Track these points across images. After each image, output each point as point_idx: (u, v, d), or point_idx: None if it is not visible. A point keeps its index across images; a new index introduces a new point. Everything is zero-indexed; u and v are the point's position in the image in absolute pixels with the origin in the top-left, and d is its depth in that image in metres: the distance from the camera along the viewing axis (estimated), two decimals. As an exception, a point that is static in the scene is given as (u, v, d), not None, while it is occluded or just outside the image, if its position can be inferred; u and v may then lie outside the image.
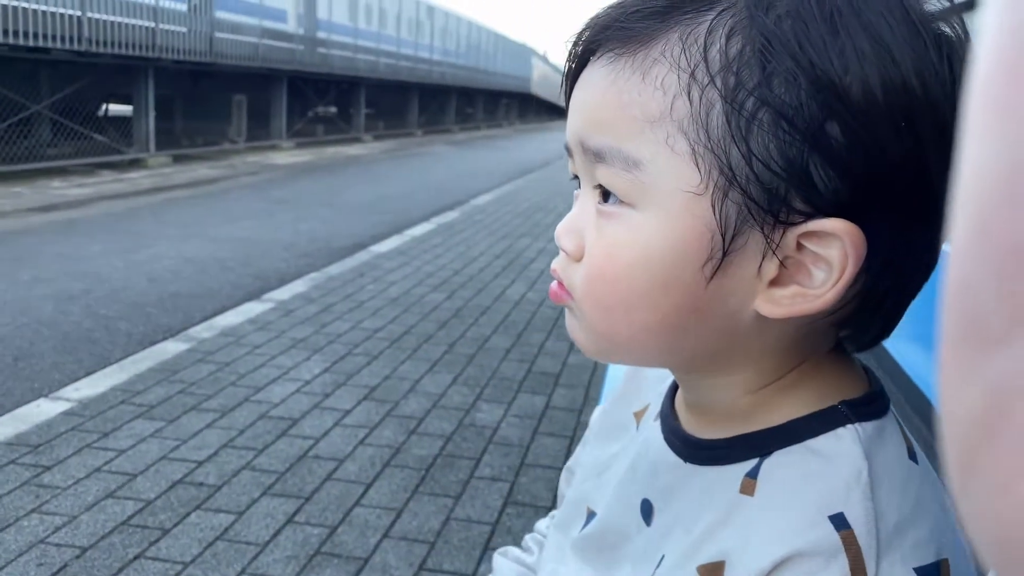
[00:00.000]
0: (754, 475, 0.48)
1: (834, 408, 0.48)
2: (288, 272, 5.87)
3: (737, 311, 0.47)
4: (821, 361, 0.50)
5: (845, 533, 0.43)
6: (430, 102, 26.93)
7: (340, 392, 3.53)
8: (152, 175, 11.40)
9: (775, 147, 0.43)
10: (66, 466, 2.76)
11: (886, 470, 0.46)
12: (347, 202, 9.65)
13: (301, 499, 2.62)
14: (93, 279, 5.41)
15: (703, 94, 0.44)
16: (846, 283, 0.44)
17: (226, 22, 14.14)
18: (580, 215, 0.50)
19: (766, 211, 0.44)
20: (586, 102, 0.49)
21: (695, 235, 0.45)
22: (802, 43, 0.42)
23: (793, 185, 0.43)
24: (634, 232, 0.46)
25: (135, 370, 3.68)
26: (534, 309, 5.03)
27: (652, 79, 0.45)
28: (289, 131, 17.50)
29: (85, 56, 11.02)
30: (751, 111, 0.43)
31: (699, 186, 0.44)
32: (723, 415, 0.52)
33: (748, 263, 0.45)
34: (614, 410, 0.69)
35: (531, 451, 3.03)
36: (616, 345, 0.51)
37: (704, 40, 0.44)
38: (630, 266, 0.47)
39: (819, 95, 0.42)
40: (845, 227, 0.43)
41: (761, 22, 0.43)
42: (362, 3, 20.36)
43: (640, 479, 0.57)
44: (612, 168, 0.46)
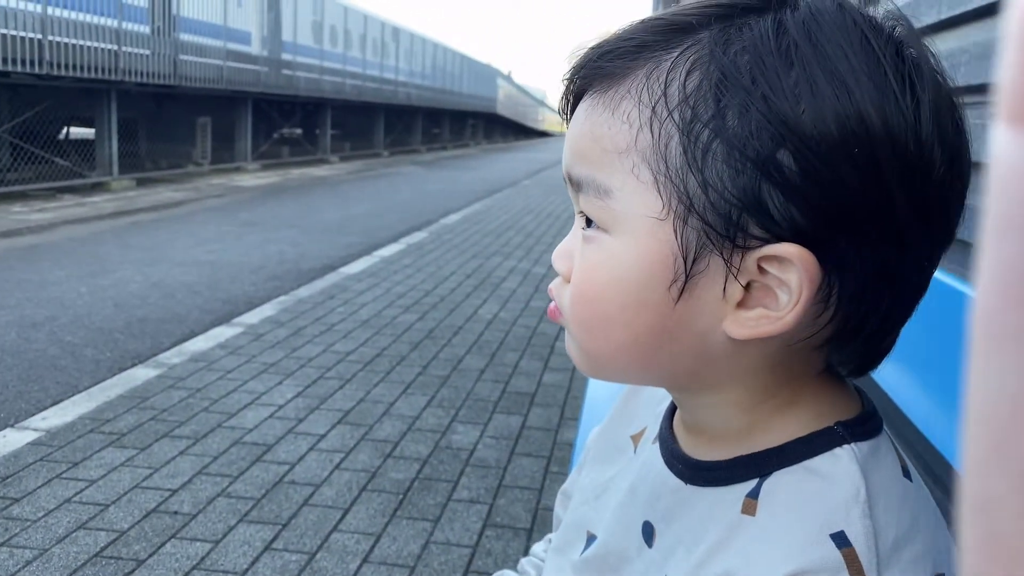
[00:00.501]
0: (755, 495, 0.49)
1: (830, 429, 0.50)
2: (257, 295, 5.82)
3: (707, 332, 0.49)
4: (814, 383, 0.52)
5: (847, 551, 0.44)
6: (396, 123, 26.93)
7: (314, 416, 3.50)
8: (115, 199, 11.25)
9: (728, 176, 0.45)
10: (35, 498, 2.71)
11: (883, 488, 0.48)
12: (315, 224, 9.60)
13: (278, 525, 2.59)
14: (57, 305, 5.32)
15: (662, 127, 0.47)
16: (804, 306, 0.46)
17: (190, 44, 14.04)
18: (572, 239, 0.55)
19: (723, 236, 0.46)
20: (571, 136, 0.53)
21: (660, 258, 0.48)
22: (756, 77, 0.45)
23: (748, 212, 0.45)
24: (607, 255, 0.50)
25: (104, 398, 3.62)
26: (507, 328, 5.03)
27: (620, 114, 0.49)
28: (254, 153, 17.38)
29: (46, 79, 10.87)
30: (705, 143, 0.46)
31: (662, 212, 0.47)
32: (721, 436, 0.54)
33: (712, 286, 0.48)
34: (610, 433, 0.70)
35: (508, 472, 3.03)
36: (600, 362, 0.54)
37: (666, 76, 0.47)
38: (604, 287, 0.50)
39: (770, 126, 0.44)
40: (797, 252, 0.45)
41: (719, 58, 0.46)
42: (327, 25, 20.36)
43: (641, 502, 0.58)
44: (588, 196, 0.51)
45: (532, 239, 8.82)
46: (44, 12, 10.45)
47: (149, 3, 12.87)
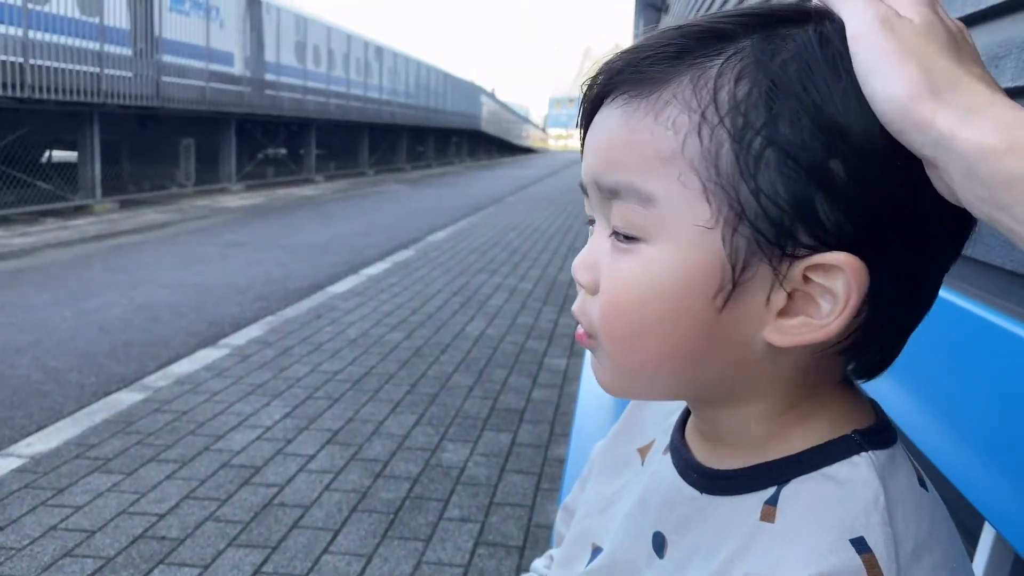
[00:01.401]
0: (774, 502, 0.49)
1: (848, 437, 0.50)
2: (243, 316, 5.79)
3: (748, 340, 0.49)
4: (832, 391, 0.53)
5: (867, 556, 0.44)
6: (381, 141, 26.95)
7: (302, 437, 3.48)
8: (99, 222, 11.18)
9: (781, 184, 0.45)
10: (20, 525, 2.67)
11: (901, 496, 0.48)
12: (301, 243, 9.58)
13: (268, 548, 2.56)
14: (41, 330, 5.27)
15: (713, 133, 0.46)
16: (850, 314, 0.46)
17: (172, 66, 14.03)
18: (594, 250, 0.53)
19: (773, 244, 0.46)
20: (601, 143, 0.51)
21: (706, 267, 0.47)
22: (806, 85, 0.45)
23: (799, 220, 0.46)
24: (645, 264, 0.49)
25: (89, 422, 3.58)
26: (495, 345, 5.03)
27: (664, 119, 0.48)
28: (239, 174, 17.35)
29: (27, 103, 10.83)
30: (758, 150, 0.46)
31: (709, 220, 0.47)
32: (739, 445, 0.53)
33: (757, 294, 0.48)
34: (616, 447, 0.69)
35: (499, 490, 3.01)
36: (635, 376, 0.53)
37: (714, 83, 0.47)
38: (643, 297, 0.49)
39: (822, 135, 0.45)
40: (848, 260, 0.45)
41: (767, 66, 0.46)
42: (310, 45, 20.39)
43: (651, 513, 0.58)
44: (627, 204, 0.49)
45: (518, 255, 8.82)
46: (25, 36, 10.43)
47: (131, 25, 12.86)
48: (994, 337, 1.06)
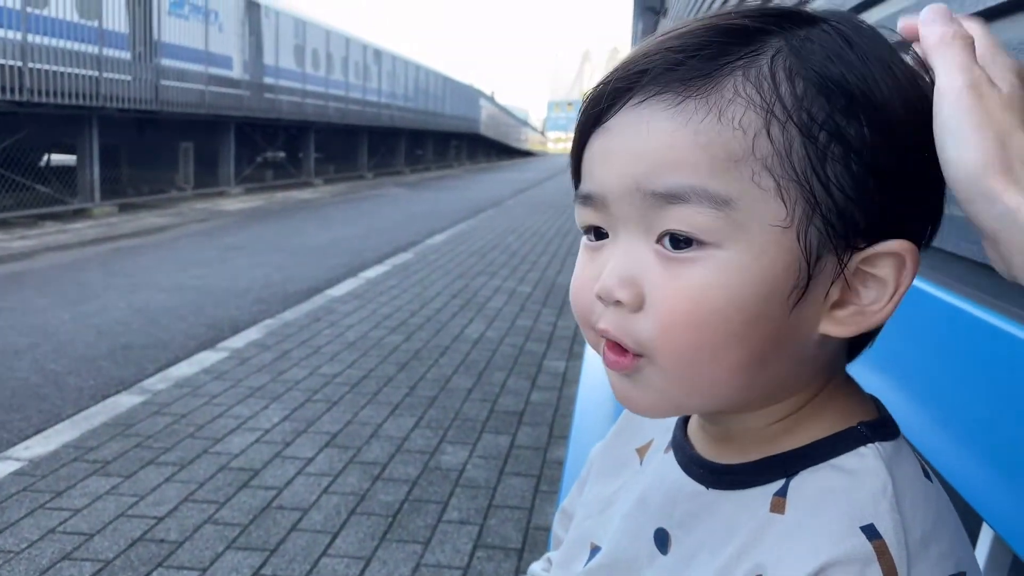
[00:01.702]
0: (783, 494, 0.50)
1: (854, 429, 0.51)
2: (242, 319, 5.79)
3: (807, 336, 0.50)
4: (837, 385, 0.54)
5: (877, 543, 0.45)
6: (380, 145, 26.96)
7: (301, 440, 3.48)
8: (98, 225, 11.18)
9: (847, 176, 0.47)
10: (18, 528, 2.66)
11: (907, 486, 0.48)
12: (300, 246, 9.58)
13: (267, 551, 2.56)
14: (40, 333, 5.26)
15: (784, 130, 0.47)
16: (901, 296, 0.48)
17: (171, 69, 14.04)
18: (629, 263, 0.49)
19: (841, 236, 0.47)
20: (647, 147, 0.48)
21: (783, 266, 0.47)
22: (851, 82, 0.47)
23: (862, 210, 0.47)
24: (722, 272, 0.47)
25: (88, 425, 3.58)
26: (494, 348, 5.02)
27: (729, 119, 0.47)
28: (238, 177, 17.35)
29: (26, 106, 10.83)
30: (824, 144, 0.47)
31: (786, 219, 0.47)
32: (750, 441, 0.54)
33: (821, 288, 0.48)
34: (614, 448, 0.69)
35: (499, 492, 3.01)
36: (697, 391, 0.50)
37: (772, 80, 0.47)
38: (722, 307, 0.47)
39: (875, 128, 0.47)
40: (907, 247, 0.48)
41: (813, 63, 0.47)
42: (309, 48, 20.40)
43: (653, 510, 0.58)
44: (695, 207, 0.47)
45: (517, 258, 8.83)
46: (24, 39, 10.43)
47: (130, 29, 12.87)
48: (992, 338, 1.06)
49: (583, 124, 0.53)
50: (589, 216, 0.52)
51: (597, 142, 0.51)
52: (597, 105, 0.51)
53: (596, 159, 0.51)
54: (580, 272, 0.53)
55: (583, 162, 0.53)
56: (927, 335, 1.31)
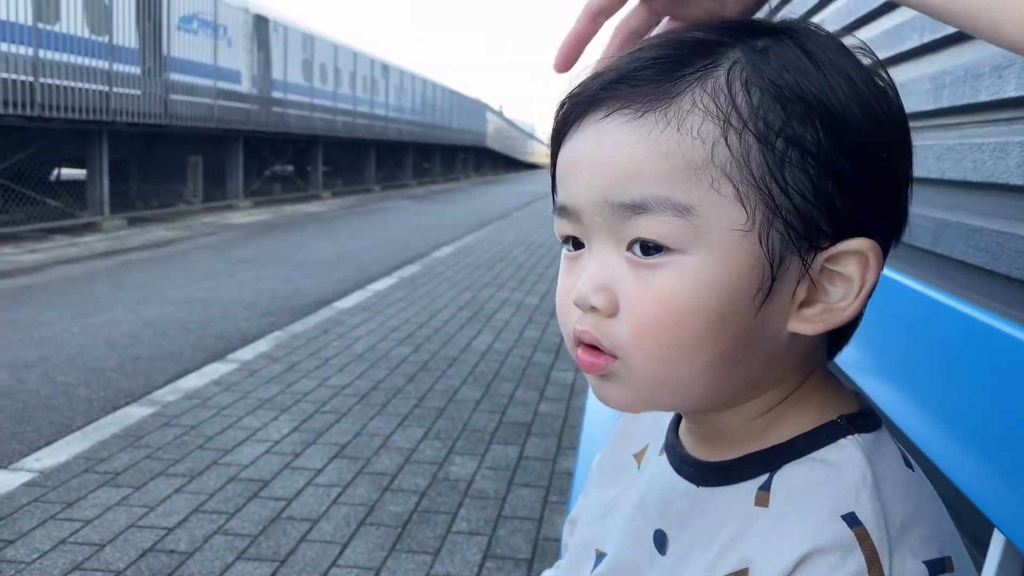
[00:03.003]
0: (767, 488, 0.51)
1: (834, 422, 0.52)
2: (251, 332, 5.81)
3: (776, 335, 0.51)
4: (817, 379, 0.55)
5: (858, 529, 0.46)
6: (387, 158, 27.07)
7: (310, 451, 3.48)
8: (107, 238, 11.25)
9: (805, 179, 0.49)
10: (30, 539, 2.68)
11: (888, 474, 0.50)
12: (308, 259, 9.61)
13: (276, 562, 2.56)
14: (50, 346, 5.29)
15: (741, 138, 0.48)
16: (868, 294, 0.50)
17: (180, 84, 14.14)
18: (603, 271, 0.51)
19: (803, 237, 0.49)
20: (611, 159, 0.50)
21: (747, 269, 0.49)
22: (807, 89, 0.49)
23: (822, 212, 0.49)
24: (688, 276, 0.49)
25: (98, 437, 3.60)
26: (502, 359, 5.03)
27: (688, 129, 0.49)
28: (246, 191, 17.43)
29: (37, 121, 10.92)
30: (782, 150, 0.48)
31: (746, 223, 0.49)
32: (734, 438, 0.55)
33: (786, 289, 0.50)
34: (612, 455, 0.71)
35: (507, 503, 3.01)
36: (670, 390, 0.52)
37: (729, 91, 0.49)
38: (689, 310, 0.49)
39: (830, 132, 0.49)
40: (870, 244, 0.49)
41: (768, 73, 0.49)
42: (317, 63, 20.53)
43: (651, 512, 0.59)
44: (659, 216, 0.49)
45: (524, 270, 8.84)
46: (35, 55, 10.53)
47: (140, 44, 12.98)
48: (1002, 345, 1.07)
49: (553, 137, 0.55)
50: (565, 227, 0.55)
51: (566, 155, 0.54)
52: (564, 119, 0.54)
53: (566, 172, 0.54)
54: (561, 282, 0.56)
55: (556, 175, 0.55)
56: (938, 342, 1.31)
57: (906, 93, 1.93)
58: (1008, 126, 1.40)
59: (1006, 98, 1.38)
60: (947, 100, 1.65)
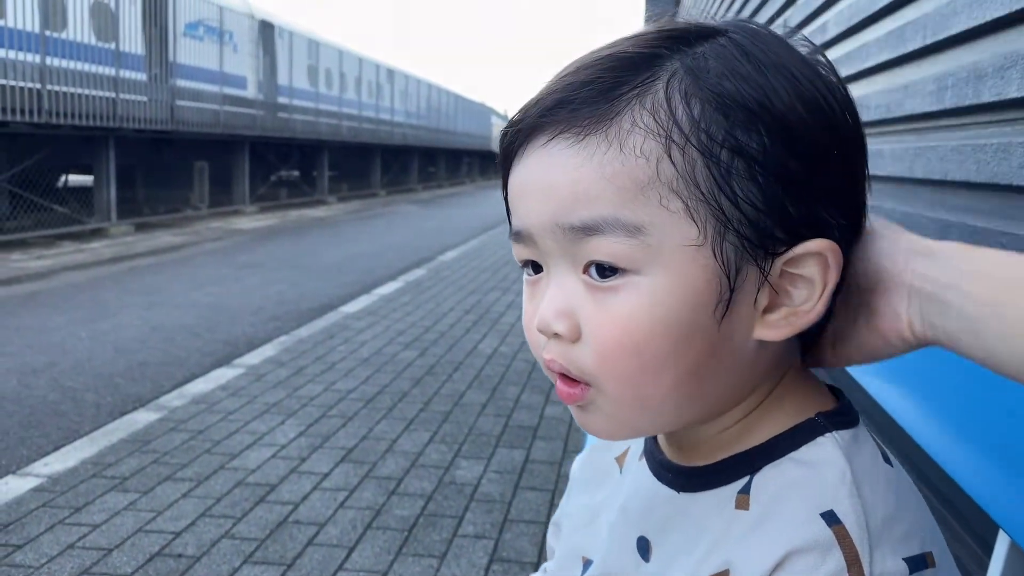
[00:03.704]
0: (747, 491, 0.51)
1: (812, 420, 0.52)
2: (257, 336, 5.82)
3: (742, 344, 0.51)
4: (793, 379, 0.55)
5: (837, 528, 0.46)
6: (393, 163, 27.13)
7: (317, 455, 3.49)
8: (114, 244, 11.29)
9: (754, 188, 0.48)
10: (38, 544, 2.69)
11: (867, 471, 0.49)
12: (314, 264, 9.63)
13: (283, 566, 2.57)
14: (57, 351, 5.32)
15: (684, 154, 0.48)
16: (830, 293, 0.50)
17: (186, 90, 14.20)
18: (562, 296, 0.51)
19: (757, 246, 0.48)
20: (557, 184, 0.50)
21: (704, 283, 0.48)
22: (747, 94, 0.48)
23: (774, 219, 0.48)
24: (645, 296, 0.48)
25: (106, 442, 3.61)
26: (507, 363, 5.03)
27: (631, 148, 0.48)
28: (252, 196, 17.49)
29: (44, 128, 10.98)
30: (727, 161, 0.48)
31: (698, 237, 0.48)
32: (713, 445, 0.55)
33: (747, 298, 0.49)
34: (595, 458, 0.71)
35: (514, 506, 3.01)
36: (646, 413, 0.52)
37: (668, 106, 0.48)
38: (650, 331, 0.48)
39: (776, 137, 0.48)
40: (826, 244, 0.49)
41: (707, 83, 0.48)
42: (322, 68, 20.60)
43: (633, 519, 0.59)
44: (611, 237, 0.48)
45: (530, 274, 8.83)
46: (43, 62, 10.59)
47: (146, 51, 13.04)
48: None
49: (501, 164, 0.55)
50: (523, 252, 0.54)
51: (514, 182, 0.53)
52: (509, 147, 0.53)
53: (516, 198, 0.53)
54: (526, 306, 0.55)
55: (508, 201, 0.55)
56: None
57: (910, 94, 1.93)
58: (1012, 127, 1.40)
59: (1009, 99, 1.38)
60: (950, 101, 1.65)
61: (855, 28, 2.40)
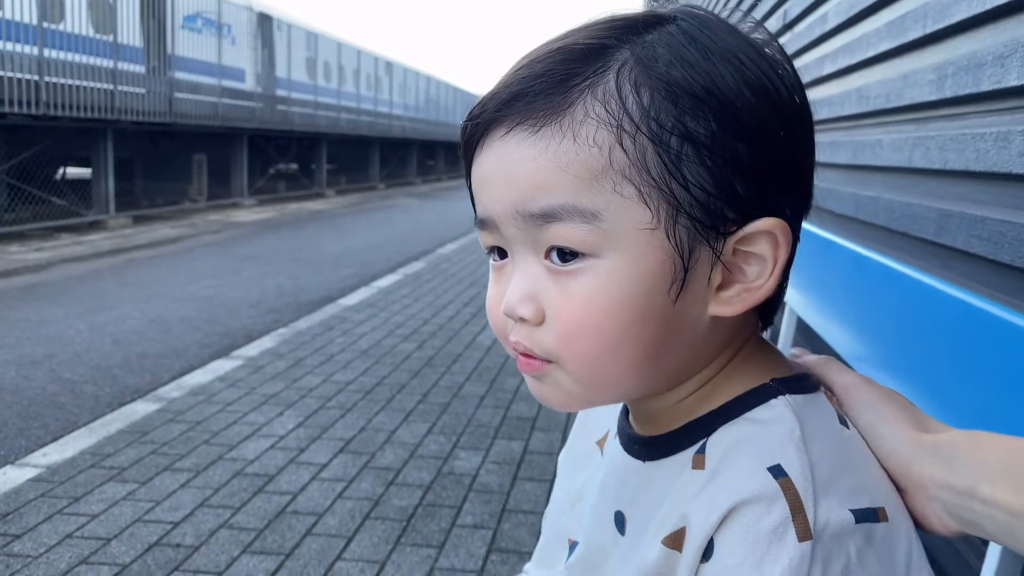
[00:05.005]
0: (703, 451, 0.53)
1: (766, 385, 0.54)
2: (256, 328, 5.82)
3: (697, 321, 0.53)
4: (751, 350, 0.57)
5: (783, 480, 0.47)
6: (391, 155, 27.09)
7: (315, 446, 3.49)
8: (112, 237, 11.28)
9: (704, 172, 0.49)
10: (37, 533, 2.69)
11: (817, 430, 0.51)
12: (312, 257, 9.62)
13: (282, 555, 2.57)
14: (56, 343, 5.31)
15: (635, 141, 0.49)
16: (781, 269, 0.52)
17: (185, 82, 14.17)
18: (527, 281, 0.53)
19: (709, 228, 0.50)
20: (516, 174, 0.52)
21: (658, 264, 0.50)
22: (696, 81, 0.50)
23: (724, 200, 0.50)
24: (603, 279, 0.50)
25: (104, 433, 3.61)
26: (506, 354, 5.02)
27: (584, 138, 0.50)
28: (251, 188, 17.46)
29: (42, 120, 10.95)
30: (677, 148, 0.49)
31: (652, 221, 0.50)
32: (674, 414, 0.57)
33: (700, 276, 0.51)
34: (577, 444, 0.73)
35: (512, 497, 3.02)
36: (604, 389, 0.54)
37: (619, 95, 0.50)
38: (608, 311, 0.51)
39: (724, 122, 0.49)
40: (775, 223, 0.51)
41: (656, 71, 0.50)
42: (321, 61, 20.55)
43: (610, 494, 0.61)
44: (569, 224, 0.50)
45: (529, 266, 8.83)
46: (40, 54, 10.55)
47: (144, 43, 13.00)
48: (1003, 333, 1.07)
49: (463, 156, 0.57)
50: (488, 239, 0.57)
51: (477, 173, 0.55)
52: (469, 140, 0.55)
53: (480, 188, 0.55)
54: (491, 291, 0.58)
55: (472, 190, 0.57)
56: (939, 332, 1.31)
57: (909, 84, 1.93)
58: (1011, 115, 1.40)
59: (1008, 87, 1.38)
60: (950, 90, 1.65)
61: (855, 18, 2.39)
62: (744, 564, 0.46)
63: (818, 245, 2.24)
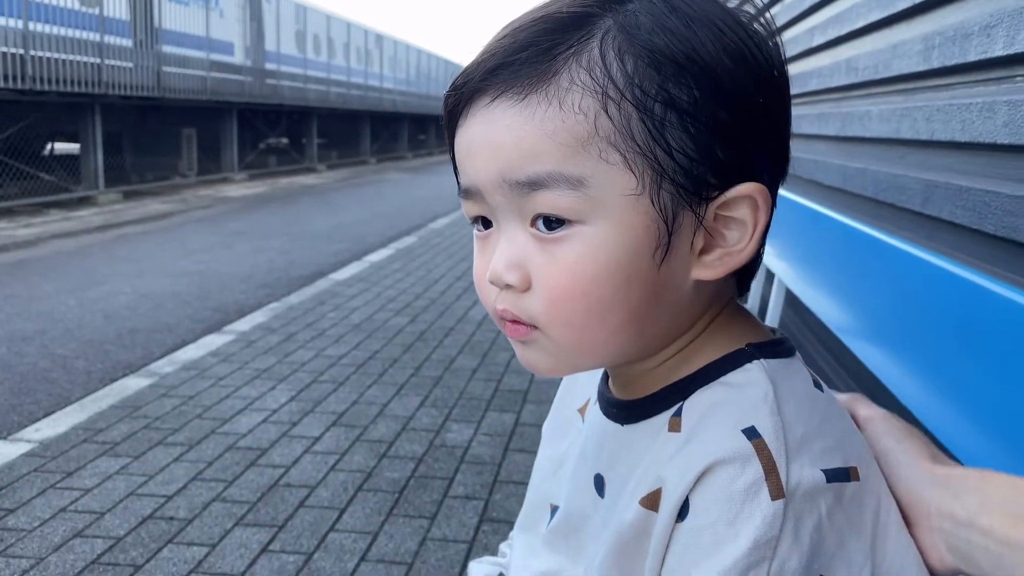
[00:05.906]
0: (679, 414, 0.54)
1: (741, 350, 0.55)
2: (247, 303, 5.82)
3: (680, 285, 0.54)
4: (728, 316, 0.58)
5: (757, 441, 0.49)
6: (382, 130, 26.92)
7: (308, 420, 3.51)
8: (102, 212, 11.21)
9: (687, 138, 0.50)
10: (30, 508, 2.70)
11: (791, 393, 0.53)
12: (304, 231, 9.60)
13: (275, 527, 2.59)
14: (47, 319, 5.30)
15: (620, 109, 0.50)
16: (761, 234, 0.53)
17: (173, 56, 14.02)
18: (513, 249, 0.54)
19: (692, 193, 0.51)
20: (502, 142, 0.52)
21: (643, 230, 0.51)
22: (678, 49, 0.50)
23: (706, 166, 0.51)
24: (589, 245, 0.51)
25: (96, 408, 3.62)
26: (497, 328, 5.04)
27: (570, 106, 0.50)
28: (241, 163, 17.36)
29: (29, 95, 10.84)
30: (661, 114, 0.50)
31: (637, 187, 0.51)
32: (652, 378, 0.58)
33: (684, 241, 0.52)
34: (559, 412, 0.74)
35: (503, 468, 3.04)
36: (590, 353, 0.55)
37: (603, 63, 0.50)
38: (595, 276, 0.51)
39: (706, 90, 0.50)
40: (756, 188, 0.52)
41: (639, 38, 0.51)
42: (310, 34, 20.34)
43: (590, 458, 0.62)
44: (555, 191, 0.51)
45: (521, 240, 8.83)
46: (26, 27, 10.42)
47: (131, 16, 12.84)
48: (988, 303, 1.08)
49: (446, 126, 0.57)
50: (472, 208, 0.57)
51: (461, 141, 0.55)
52: (453, 109, 0.56)
53: (464, 156, 0.55)
54: (476, 261, 0.58)
55: (456, 160, 0.57)
56: (927, 303, 1.32)
57: (898, 55, 1.93)
58: (996, 85, 1.40)
59: (994, 57, 1.38)
60: (937, 61, 1.65)
61: (844, -12, 2.38)
62: (718, 523, 0.47)
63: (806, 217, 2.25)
